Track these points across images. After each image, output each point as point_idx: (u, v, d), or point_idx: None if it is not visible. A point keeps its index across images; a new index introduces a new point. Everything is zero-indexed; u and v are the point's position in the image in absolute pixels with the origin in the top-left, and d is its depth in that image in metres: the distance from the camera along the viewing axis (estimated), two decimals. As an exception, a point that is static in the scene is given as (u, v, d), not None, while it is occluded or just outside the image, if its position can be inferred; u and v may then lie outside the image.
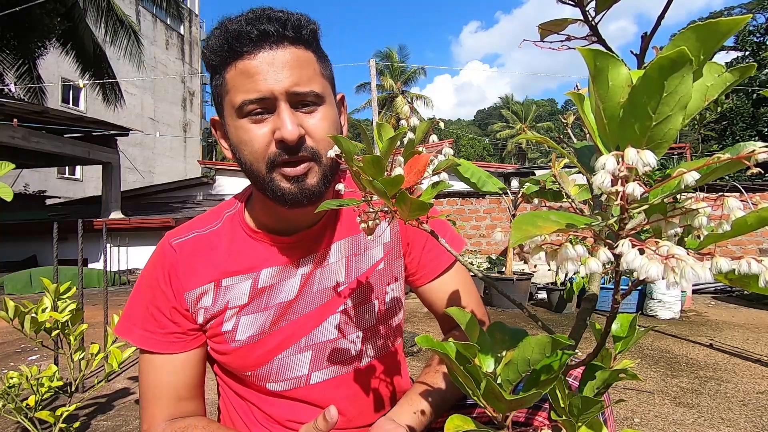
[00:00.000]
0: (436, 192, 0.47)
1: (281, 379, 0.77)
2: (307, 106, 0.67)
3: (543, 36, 0.44)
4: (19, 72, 9.87)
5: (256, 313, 0.75)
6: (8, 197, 0.98)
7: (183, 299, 0.74)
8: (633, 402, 2.21)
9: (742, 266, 0.30)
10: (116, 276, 7.45)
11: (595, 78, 0.30)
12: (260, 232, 0.77)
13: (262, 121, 0.66)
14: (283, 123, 0.64)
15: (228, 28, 0.65)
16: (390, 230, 0.84)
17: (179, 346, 0.74)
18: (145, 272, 0.77)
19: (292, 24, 0.66)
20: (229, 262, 0.75)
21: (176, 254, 0.75)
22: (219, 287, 0.74)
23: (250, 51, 0.64)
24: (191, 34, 22.21)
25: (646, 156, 0.27)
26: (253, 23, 0.64)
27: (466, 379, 0.42)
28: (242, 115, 0.66)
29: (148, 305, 0.75)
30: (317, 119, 0.68)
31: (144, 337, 0.73)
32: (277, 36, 0.65)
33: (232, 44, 0.64)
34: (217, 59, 0.67)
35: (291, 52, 0.65)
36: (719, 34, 0.27)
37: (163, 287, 0.74)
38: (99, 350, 1.63)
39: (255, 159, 0.67)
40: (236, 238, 0.77)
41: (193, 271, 0.74)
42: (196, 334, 0.76)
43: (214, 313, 0.74)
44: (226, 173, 13.18)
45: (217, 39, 0.66)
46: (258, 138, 0.66)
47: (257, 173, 0.68)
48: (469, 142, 42.35)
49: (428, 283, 0.85)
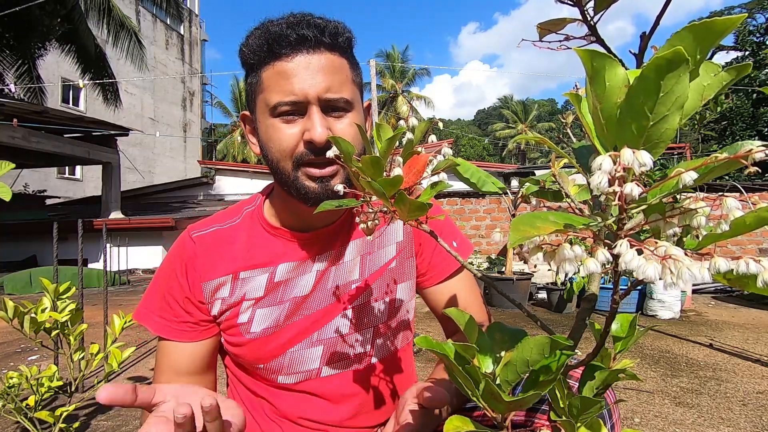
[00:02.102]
0: (435, 192, 0.47)
1: (292, 372, 0.78)
2: (336, 111, 0.70)
3: (542, 35, 0.44)
4: (19, 72, 9.87)
5: (271, 307, 0.77)
6: (7, 197, 0.98)
7: (199, 290, 0.76)
8: (633, 402, 2.21)
9: (741, 266, 0.30)
10: (116, 276, 7.45)
11: (592, 78, 0.30)
12: (279, 228, 0.79)
13: (294, 121, 0.69)
14: (313, 125, 0.67)
15: (269, 29, 0.68)
16: (403, 230, 0.85)
17: (191, 335, 0.77)
18: (165, 262, 0.81)
19: (329, 31, 0.69)
20: (247, 256, 0.78)
21: (196, 246, 0.78)
22: (236, 279, 0.77)
23: (288, 53, 0.67)
24: (191, 34, 22.22)
25: (642, 156, 0.27)
26: (294, 27, 0.67)
27: (465, 380, 0.42)
28: (275, 115, 0.69)
29: (165, 294, 0.78)
30: (345, 125, 0.71)
31: (161, 325, 0.77)
32: (314, 41, 0.68)
33: (272, 45, 0.67)
34: (255, 58, 0.70)
35: (326, 58, 0.69)
36: (715, 34, 0.27)
37: (179, 278, 0.77)
38: (99, 350, 1.63)
39: (282, 157, 0.70)
40: (255, 233, 0.80)
41: (212, 263, 0.77)
42: (208, 326, 0.78)
43: (230, 303, 0.77)
44: (226, 173, 13.19)
45: (257, 39, 0.69)
46: (288, 137, 0.69)
47: (283, 170, 0.71)
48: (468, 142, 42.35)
49: (436, 285, 0.86)
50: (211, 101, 26.89)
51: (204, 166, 16.50)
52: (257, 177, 12.70)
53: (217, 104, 27.04)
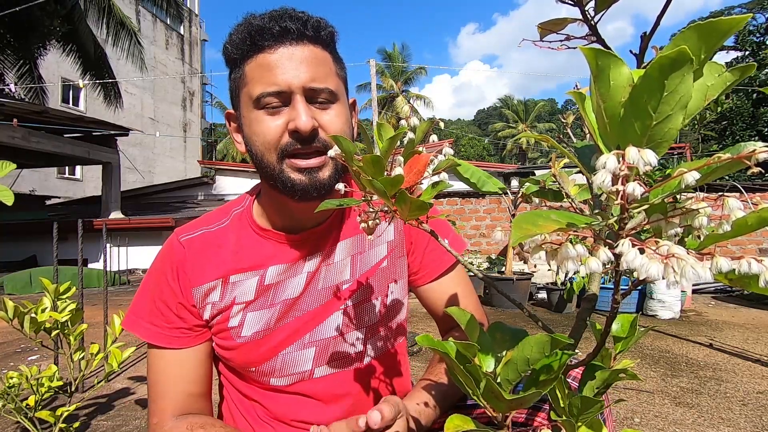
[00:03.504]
0: (436, 192, 0.47)
1: (285, 374, 0.78)
2: (321, 102, 0.69)
3: (543, 35, 0.44)
4: (19, 72, 9.86)
5: (262, 310, 0.76)
6: (9, 201, 0.97)
7: (190, 295, 0.75)
8: (633, 402, 2.21)
9: (743, 266, 0.30)
10: (116, 276, 7.45)
11: (596, 77, 0.30)
12: (268, 230, 0.78)
13: (278, 113, 0.68)
14: (297, 114, 0.67)
15: (251, 23, 0.68)
16: (394, 229, 0.85)
17: (185, 341, 0.75)
18: (153, 268, 0.79)
19: (312, 24, 0.69)
20: (237, 259, 0.77)
21: (184, 250, 0.76)
22: (226, 283, 0.76)
23: (271, 45, 0.67)
24: (191, 34, 22.21)
25: (647, 155, 0.27)
26: (276, 20, 0.67)
27: (466, 379, 0.42)
28: (259, 107, 0.68)
29: (155, 300, 0.76)
30: (331, 115, 0.70)
31: (151, 332, 0.75)
32: (297, 33, 0.67)
33: (255, 38, 0.67)
34: (238, 52, 0.69)
35: (309, 50, 0.68)
36: (719, 33, 0.27)
37: (170, 282, 0.75)
38: (99, 350, 1.63)
39: (267, 149, 0.69)
40: (244, 235, 0.78)
41: (201, 267, 0.76)
42: (201, 330, 0.77)
43: (221, 308, 0.76)
44: (226, 173, 13.18)
45: (239, 33, 0.69)
46: (272, 129, 0.68)
47: (268, 163, 0.70)
48: (469, 142, 42.34)
49: (428, 283, 0.86)
50: (211, 101, 26.92)
51: (204, 166, 16.51)
52: (257, 177, 12.62)
53: (217, 104, 27.06)
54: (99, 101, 11.68)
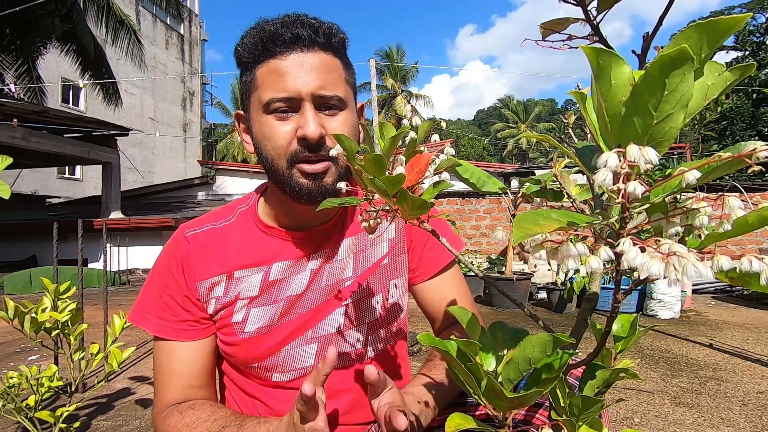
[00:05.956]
0: (437, 191, 0.48)
1: (287, 369, 0.78)
2: (330, 109, 0.71)
3: (544, 35, 0.44)
4: (18, 72, 9.86)
5: (265, 306, 0.77)
6: (6, 195, 0.97)
7: (195, 288, 0.76)
8: (633, 402, 2.21)
9: (744, 264, 0.30)
10: (116, 276, 7.44)
11: (597, 76, 0.30)
12: (273, 228, 0.79)
13: (287, 119, 0.69)
14: (306, 122, 0.68)
15: (264, 28, 0.69)
16: (395, 227, 0.86)
17: (192, 334, 0.77)
18: (159, 262, 0.80)
19: (323, 31, 0.70)
20: (241, 255, 0.78)
21: (189, 245, 0.78)
22: (231, 279, 0.77)
23: (282, 52, 0.68)
24: (191, 34, 22.21)
25: (648, 153, 0.27)
26: (288, 26, 0.69)
27: (467, 377, 0.42)
28: (268, 112, 0.69)
29: (161, 294, 0.77)
30: (338, 122, 0.71)
31: (158, 325, 0.76)
32: (308, 40, 0.69)
33: (266, 44, 0.68)
34: (250, 57, 0.71)
35: (320, 57, 0.70)
36: (720, 33, 0.27)
37: (176, 276, 0.77)
38: (99, 350, 1.63)
39: (277, 154, 0.70)
40: (248, 232, 0.80)
41: (206, 262, 0.77)
42: (208, 323, 0.78)
43: (225, 303, 0.77)
44: (226, 173, 13.19)
45: (252, 38, 0.70)
46: (281, 134, 0.69)
47: (278, 168, 0.71)
48: (469, 142, 42.34)
49: (425, 281, 0.87)
50: (211, 101, 26.90)
51: (204, 166, 16.51)
52: (257, 177, 12.70)
53: (217, 104, 27.05)
54: (99, 101, 11.69)
